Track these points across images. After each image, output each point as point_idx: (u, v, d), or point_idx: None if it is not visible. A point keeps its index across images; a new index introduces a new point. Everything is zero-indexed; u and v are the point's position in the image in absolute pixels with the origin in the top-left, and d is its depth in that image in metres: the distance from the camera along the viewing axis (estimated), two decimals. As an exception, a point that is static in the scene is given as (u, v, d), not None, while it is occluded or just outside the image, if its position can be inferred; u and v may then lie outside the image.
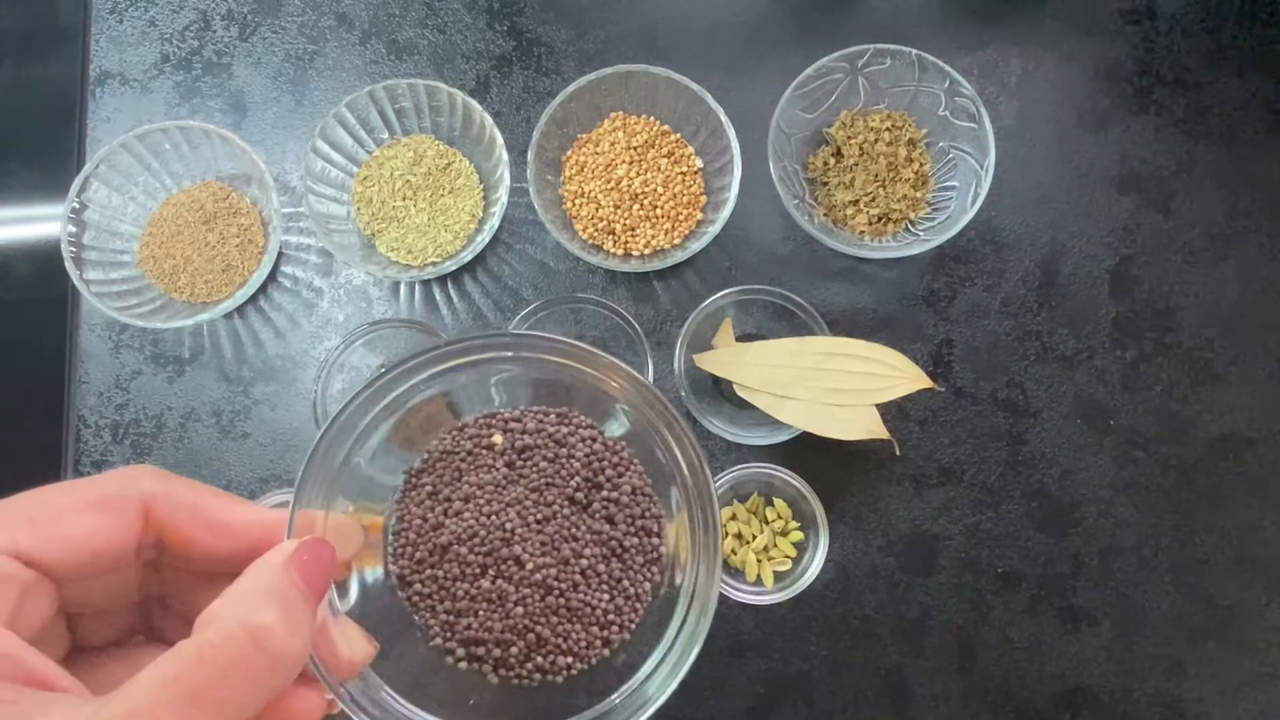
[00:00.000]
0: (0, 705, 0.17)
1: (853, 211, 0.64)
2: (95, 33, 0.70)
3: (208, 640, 0.19)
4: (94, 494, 0.21)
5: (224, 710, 0.18)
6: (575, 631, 0.29)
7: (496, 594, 0.29)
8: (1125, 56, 0.68)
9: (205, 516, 0.22)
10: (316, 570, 0.21)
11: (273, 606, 0.20)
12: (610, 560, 0.30)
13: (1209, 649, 0.62)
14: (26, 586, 0.20)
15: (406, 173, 0.65)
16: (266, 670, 0.19)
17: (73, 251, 0.61)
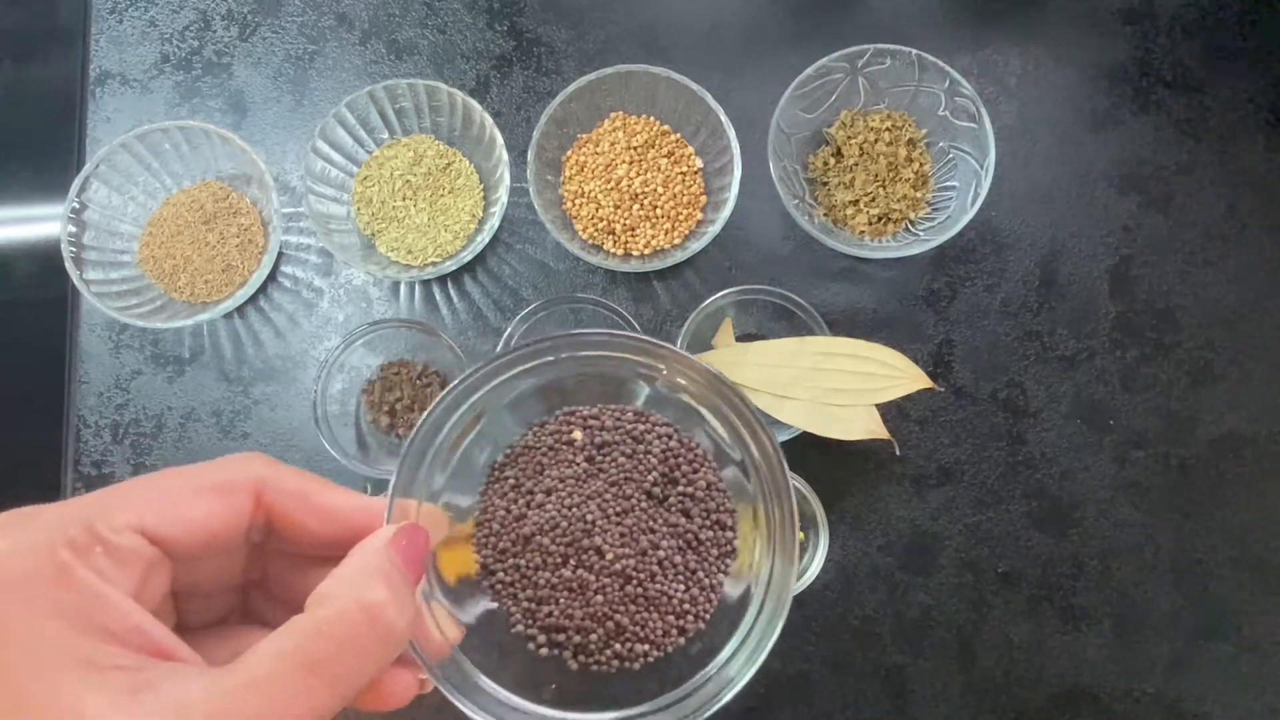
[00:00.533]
0: (126, 672, 0.18)
1: (853, 211, 0.64)
2: (95, 33, 0.70)
3: (324, 616, 0.20)
4: (211, 479, 0.22)
5: (339, 681, 0.19)
6: (652, 620, 0.30)
7: (577, 583, 0.30)
8: (1125, 56, 0.68)
9: (311, 502, 0.23)
10: (414, 553, 0.22)
11: (382, 585, 0.21)
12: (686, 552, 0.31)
13: (1209, 649, 0.62)
14: (150, 563, 0.21)
15: (406, 173, 0.65)
16: (378, 644, 0.20)
17: (73, 251, 0.61)
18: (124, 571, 0.20)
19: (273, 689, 0.19)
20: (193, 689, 0.19)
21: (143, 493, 0.21)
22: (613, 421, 0.32)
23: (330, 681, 0.19)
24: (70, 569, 0.19)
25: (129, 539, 0.20)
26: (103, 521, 0.20)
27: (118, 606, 0.19)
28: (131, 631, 0.19)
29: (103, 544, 0.20)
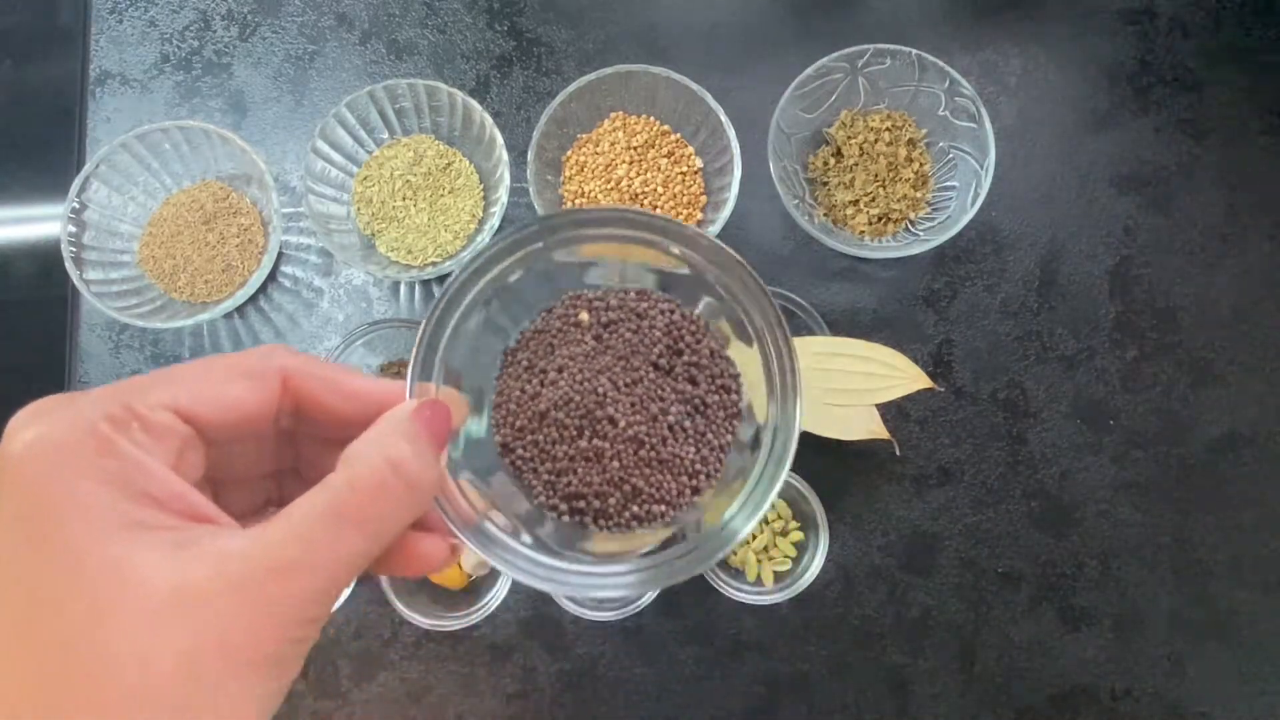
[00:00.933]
0: (170, 531, 0.20)
1: (853, 211, 0.64)
2: (95, 33, 0.70)
3: (354, 471, 0.22)
4: (241, 364, 0.24)
5: (370, 528, 0.21)
6: (666, 481, 0.32)
7: (593, 451, 0.32)
8: (1125, 56, 0.68)
9: (336, 384, 0.25)
10: (436, 423, 0.24)
11: (405, 443, 0.22)
12: (694, 416, 0.33)
13: (1209, 649, 0.62)
14: (185, 440, 0.22)
15: (406, 173, 0.65)
16: (405, 494, 0.22)
17: (73, 251, 0.61)
18: (161, 446, 0.21)
19: (309, 536, 0.20)
20: (233, 542, 0.20)
21: (176, 376, 0.23)
22: (617, 301, 0.34)
23: (362, 529, 0.21)
24: (111, 440, 0.20)
25: (164, 416, 0.22)
26: (139, 400, 0.21)
27: (158, 474, 0.21)
28: (173, 497, 0.21)
29: (139, 420, 0.21)
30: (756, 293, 0.33)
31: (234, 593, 0.19)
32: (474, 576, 0.62)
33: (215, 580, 0.19)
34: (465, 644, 0.63)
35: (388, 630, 0.63)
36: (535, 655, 0.63)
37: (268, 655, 0.20)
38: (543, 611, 0.63)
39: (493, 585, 0.62)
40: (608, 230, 0.32)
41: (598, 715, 0.62)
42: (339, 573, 0.21)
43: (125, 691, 0.18)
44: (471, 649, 0.63)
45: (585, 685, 0.62)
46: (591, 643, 0.63)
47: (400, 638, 0.63)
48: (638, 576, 0.30)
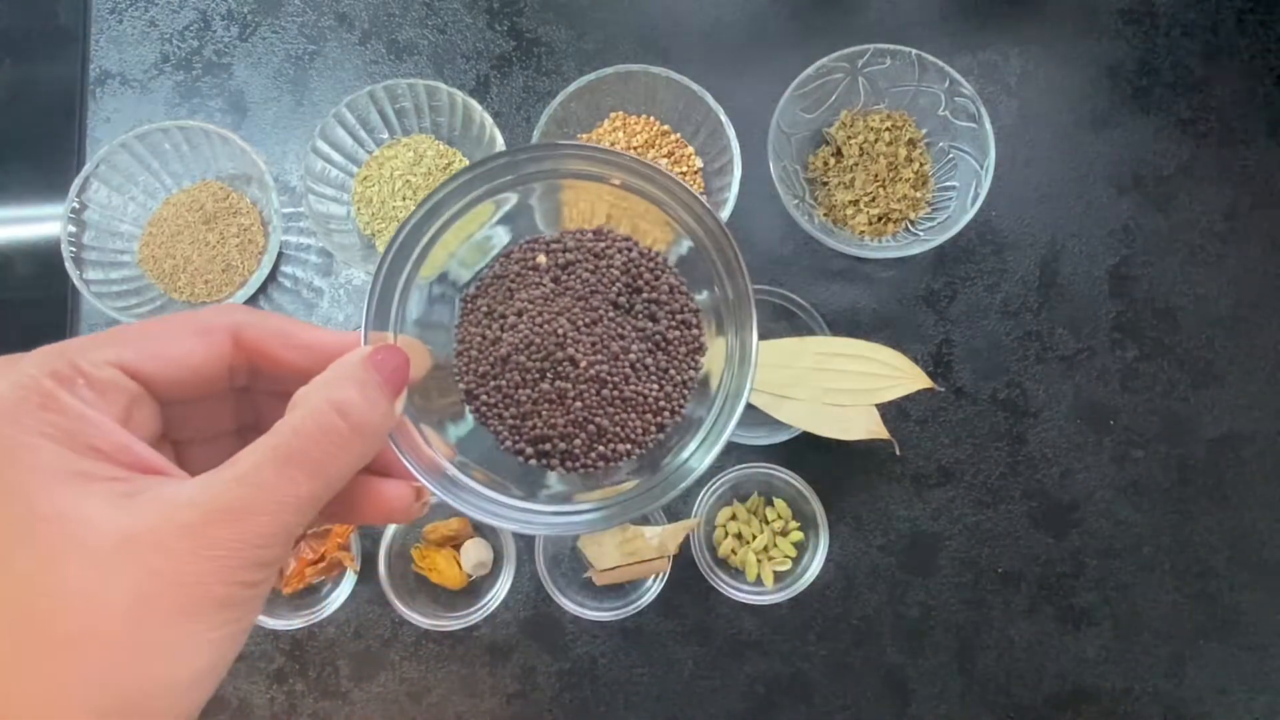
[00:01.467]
0: (118, 481, 0.20)
1: (853, 211, 0.64)
2: (95, 33, 0.70)
3: (299, 414, 0.22)
4: (190, 321, 0.24)
5: (318, 470, 0.21)
6: (630, 420, 0.32)
7: (556, 393, 0.32)
8: (1125, 56, 0.68)
9: (290, 337, 0.25)
10: (390, 366, 0.24)
11: (352, 385, 0.23)
12: (656, 353, 0.33)
13: (1209, 649, 0.62)
14: (133, 396, 0.22)
15: (406, 173, 0.65)
16: (351, 437, 0.22)
17: (73, 251, 0.61)
18: (106, 401, 0.21)
19: (255, 480, 0.21)
20: (181, 489, 0.20)
21: (123, 334, 0.23)
22: (574, 242, 0.33)
23: (310, 471, 0.21)
24: (55, 395, 0.20)
25: (109, 372, 0.22)
26: (82, 357, 0.21)
27: (103, 427, 0.21)
28: (119, 449, 0.21)
29: (84, 376, 0.21)
30: (688, 199, 0.31)
31: (181, 537, 0.19)
32: (474, 576, 0.62)
33: (162, 526, 0.19)
34: (465, 644, 0.63)
35: (388, 630, 0.63)
36: (535, 655, 0.63)
37: (217, 598, 0.20)
38: (543, 611, 0.63)
39: (493, 585, 0.62)
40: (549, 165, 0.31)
41: (598, 715, 0.62)
42: (287, 516, 0.21)
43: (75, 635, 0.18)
44: (471, 649, 0.63)
45: (585, 685, 0.62)
46: (591, 643, 0.63)
47: (400, 638, 0.63)
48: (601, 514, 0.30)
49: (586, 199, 0.33)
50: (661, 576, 0.60)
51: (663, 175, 0.31)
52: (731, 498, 0.63)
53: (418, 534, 0.63)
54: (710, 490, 0.61)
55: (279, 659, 0.63)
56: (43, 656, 0.18)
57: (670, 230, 0.33)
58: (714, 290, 0.32)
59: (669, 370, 0.33)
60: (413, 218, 0.30)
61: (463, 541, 0.62)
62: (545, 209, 0.34)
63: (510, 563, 0.61)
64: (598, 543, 0.61)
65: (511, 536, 0.61)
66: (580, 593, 0.62)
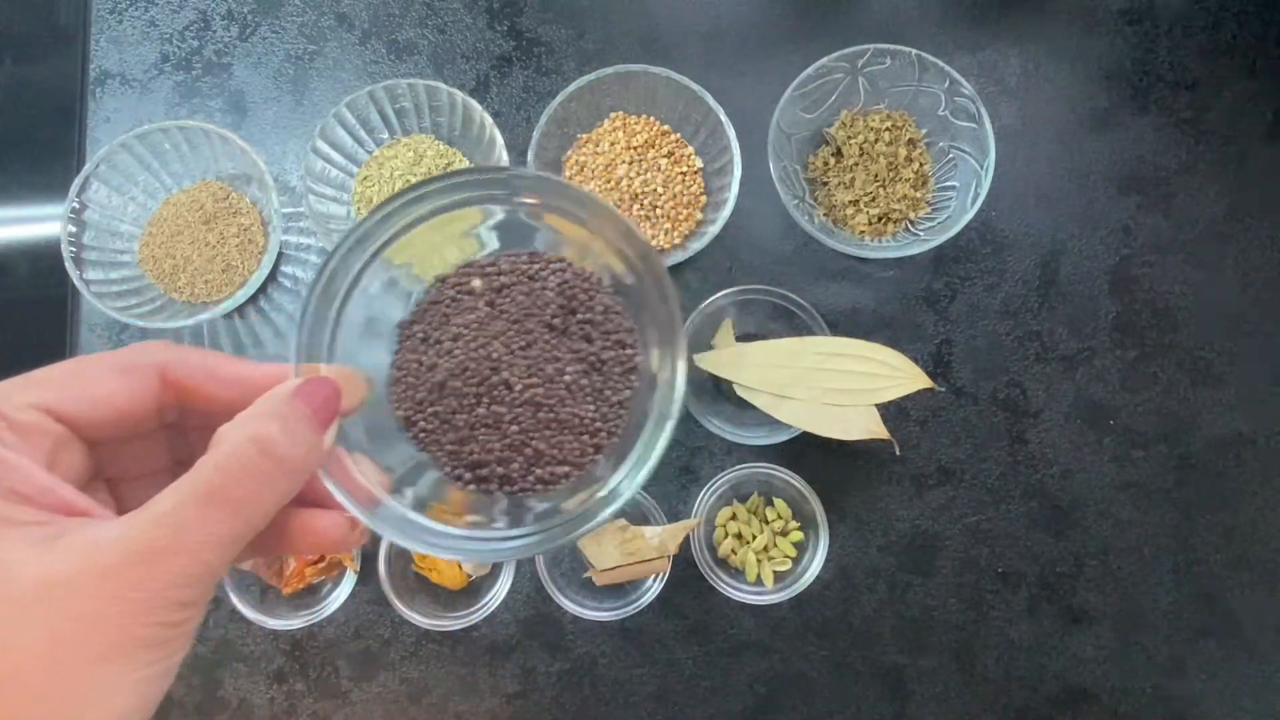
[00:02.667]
0: (40, 526, 0.20)
1: (853, 211, 0.64)
2: (95, 33, 0.70)
3: (221, 451, 0.22)
4: (113, 361, 0.23)
5: (240, 508, 0.21)
6: (567, 441, 0.32)
7: (492, 418, 0.32)
8: (1125, 56, 0.68)
9: (216, 373, 0.25)
10: (320, 398, 0.24)
11: (273, 422, 0.22)
12: (591, 374, 0.33)
13: (1209, 649, 0.62)
14: (57, 439, 0.22)
15: (406, 173, 0.65)
16: (274, 473, 0.22)
17: (73, 251, 0.61)
18: (30, 445, 0.21)
19: (176, 519, 0.20)
20: (103, 530, 0.20)
21: (46, 377, 0.23)
22: (509, 265, 0.33)
23: (231, 509, 0.21)
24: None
25: (32, 415, 0.21)
26: (4, 401, 0.21)
27: (24, 469, 0.21)
28: (42, 492, 0.21)
29: (5, 419, 0.21)
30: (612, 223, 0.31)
31: (101, 580, 0.19)
32: (474, 576, 0.62)
33: (82, 569, 0.19)
34: (465, 644, 0.63)
35: (388, 630, 0.63)
36: (535, 655, 0.63)
37: (138, 639, 0.20)
38: (543, 611, 0.63)
39: (493, 585, 0.62)
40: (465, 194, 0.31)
41: (598, 715, 0.62)
42: (208, 555, 0.21)
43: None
44: (471, 649, 0.63)
45: (585, 685, 0.62)
46: (591, 643, 0.63)
47: (400, 638, 0.63)
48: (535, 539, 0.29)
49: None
50: (661, 576, 0.60)
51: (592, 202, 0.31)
52: (731, 498, 0.63)
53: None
54: (710, 490, 0.61)
55: (279, 659, 0.63)
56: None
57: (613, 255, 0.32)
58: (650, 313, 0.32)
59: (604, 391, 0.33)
60: (341, 246, 0.29)
61: (463, 541, 0.62)
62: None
63: (510, 563, 0.61)
64: (598, 543, 0.61)
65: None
66: (580, 593, 0.62)
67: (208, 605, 0.21)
